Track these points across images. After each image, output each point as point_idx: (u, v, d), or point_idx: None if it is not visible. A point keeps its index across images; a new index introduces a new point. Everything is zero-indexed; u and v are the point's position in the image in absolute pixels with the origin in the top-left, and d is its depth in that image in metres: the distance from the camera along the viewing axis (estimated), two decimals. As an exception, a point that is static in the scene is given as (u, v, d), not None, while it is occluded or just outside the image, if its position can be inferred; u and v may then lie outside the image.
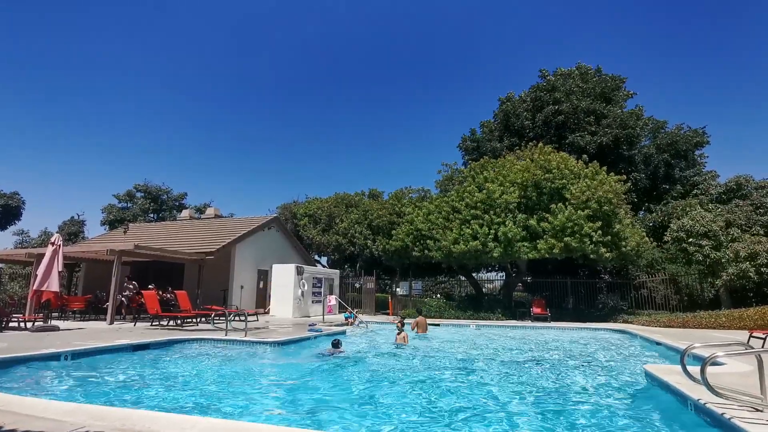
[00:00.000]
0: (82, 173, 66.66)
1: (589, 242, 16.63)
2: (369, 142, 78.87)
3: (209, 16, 65.66)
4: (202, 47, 68.12)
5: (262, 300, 21.64)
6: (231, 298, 19.41)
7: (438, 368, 7.91)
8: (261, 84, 73.91)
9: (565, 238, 16.78)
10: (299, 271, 19.95)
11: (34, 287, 12.27)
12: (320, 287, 21.79)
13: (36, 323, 12.11)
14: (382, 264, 25.99)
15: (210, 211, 28.93)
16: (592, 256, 17.08)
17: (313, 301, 20.83)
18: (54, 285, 12.05)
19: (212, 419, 3.77)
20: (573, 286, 21.28)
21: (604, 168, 19.43)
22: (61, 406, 4.09)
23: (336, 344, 9.28)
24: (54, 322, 13.18)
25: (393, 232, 22.70)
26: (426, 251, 20.25)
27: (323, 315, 18.16)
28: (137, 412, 4.01)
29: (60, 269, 12.21)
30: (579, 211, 16.92)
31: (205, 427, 3.47)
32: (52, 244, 12.34)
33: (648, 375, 6.38)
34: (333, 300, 20.05)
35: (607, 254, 16.80)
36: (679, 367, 4.99)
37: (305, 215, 30.01)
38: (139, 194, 37.68)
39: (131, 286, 16.10)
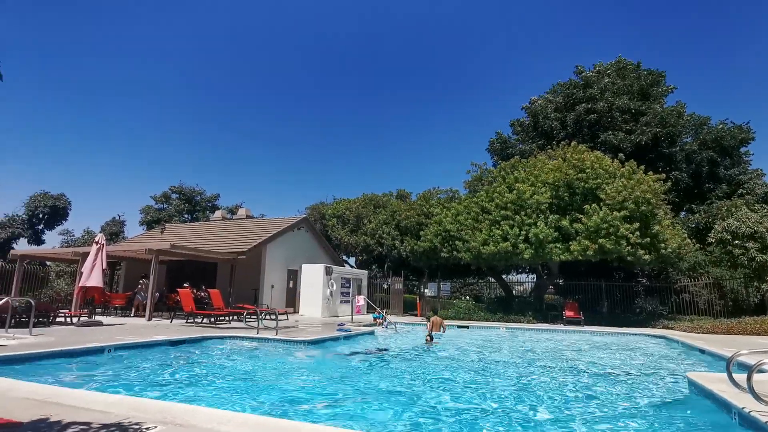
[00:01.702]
0: (122, 175, 69.74)
1: (625, 244, 16.03)
2: (397, 143, 78.95)
3: (240, 16, 67.42)
4: (233, 50, 70.01)
5: (292, 299, 21.97)
6: (262, 297, 19.80)
7: (477, 370, 7.81)
8: (291, 86, 75.27)
9: (600, 240, 16.24)
10: (328, 271, 20.15)
11: (80, 284, 12.88)
12: (348, 287, 21.94)
13: (81, 318, 12.72)
14: (410, 265, 25.91)
15: (241, 212, 29.63)
16: (629, 258, 16.45)
17: (341, 301, 20.99)
18: (98, 282, 12.61)
19: (247, 415, 3.84)
20: (608, 289, 20.56)
21: (642, 167, 18.70)
22: (105, 398, 4.27)
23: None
24: (97, 318, 13.83)
25: (421, 233, 22.59)
26: (455, 252, 20.05)
27: (352, 315, 18.27)
28: (176, 405, 4.13)
29: (103, 267, 12.78)
30: (615, 212, 16.34)
31: (240, 422, 3.54)
32: (96, 243, 12.92)
33: (691, 383, 6.10)
34: (361, 300, 20.14)
35: (646, 256, 16.15)
36: (723, 375, 4.77)
37: (333, 216, 30.30)
38: (174, 195, 39.04)
39: (147, 282, 16.77)
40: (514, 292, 24.94)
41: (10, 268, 19.40)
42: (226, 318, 14.80)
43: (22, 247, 25.53)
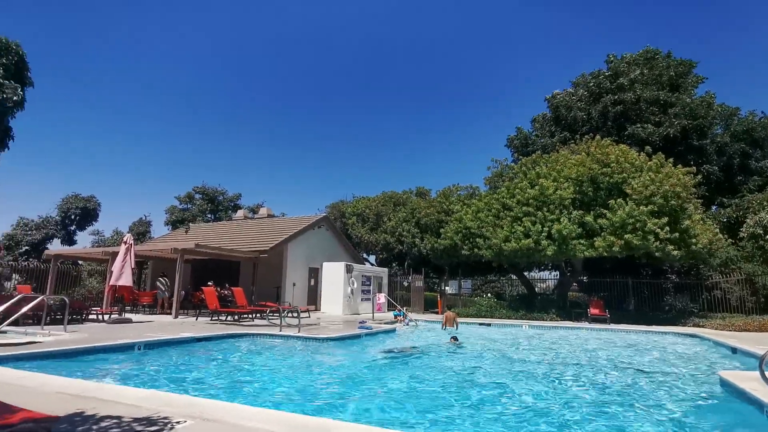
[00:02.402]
0: (148, 176, 71.65)
1: (653, 239, 15.56)
2: (416, 140, 78.67)
3: (261, 16, 68.26)
4: (256, 50, 70.97)
5: (314, 297, 22.18)
6: (284, 295, 20.05)
7: (504, 369, 7.73)
8: (313, 86, 75.84)
9: (626, 236, 15.81)
10: (348, 269, 20.26)
11: (110, 282, 13.31)
12: (369, 285, 22.00)
13: (112, 316, 13.15)
14: (431, 262, 25.80)
15: (263, 211, 30.04)
16: (657, 254, 15.98)
17: (362, 299, 21.08)
18: (128, 280, 13.01)
19: (272, 411, 3.89)
20: (635, 286, 20.01)
21: (671, 160, 18.12)
22: (136, 393, 4.40)
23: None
24: (127, 315, 14.28)
25: (441, 230, 22.46)
26: (475, 249, 19.86)
27: (373, 313, 18.32)
28: (204, 400, 4.22)
29: (132, 266, 13.16)
30: (641, 207, 15.88)
31: (265, 419, 3.59)
32: (125, 243, 13.32)
33: (723, 382, 5.97)
34: (382, 298, 20.17)
35: (675, 252, 15.65)
36: (756, 374, 4.67)
37: (353, 214, 30.42)
38: (197, 196, 39.88)
39: (165, 281, 17.36)
40: (536, 289, 24.55)
41: (45, 268, 20.19)
42: (250, 316, 15.04)
43: (55, 247, 26.54)
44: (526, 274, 24.65)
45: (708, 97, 24.04)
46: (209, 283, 16.01)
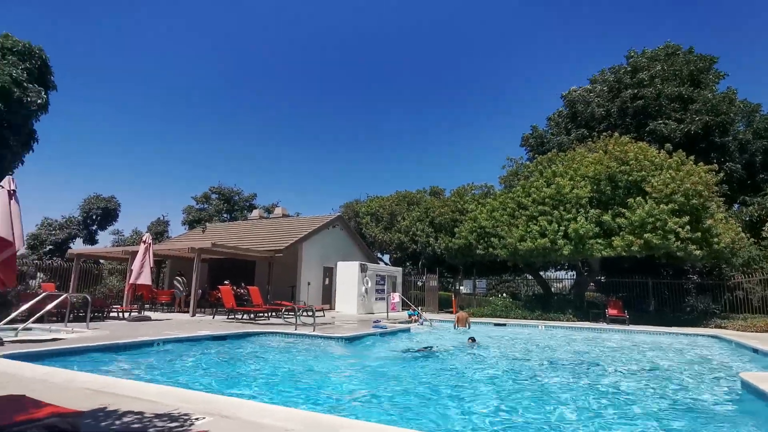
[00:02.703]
0: (165, 177, 72.92)
1: (674, 239, 15.23)
2: (429, 139, 78.38)
3: (276, 15, 68.85)
4: (270, 49, 71.59)
5: (328, 296, 22.32)
6: (299, 294, 20.21)
7: (526, 370, 7.68)
8: (324, 84, 76.19)
9: (645, 235, 15.50)
10: (363, 269, 20.32)
11: (130, 281, 13.59)
12: (383, 285, 22.04)
13: (132, 314, 13.45)
14: (445, 262, 25.71)
15: (278, 211, 30.33)
16: (678, 254, 15.62)
17: (376, 299, 21.12)
18: (147, 279, 13.28)
19: (289, 409, 3.93)
20: (655, 286, 19.61)
21: (692, 157, 17.70)
22: (156, 389, 4.50)
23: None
24: (146, 313, 14.58)
25: (455, 229, 22.36)
26: (490, 249, 19.71)
27: (387, 312, 18.36)
28: (221, 397, 4.30)
29: (151, 265, 13.43)
30: (662, 205, 15.56)
31: (282, 417, 3.63)
32: (144, 242, 13.59)
33: (744, 383, 5.89)
34: (396, 297, 20.20)
35: (697, 252, 15.29)
36: (777, 374, 4.52)
37: (367, 213, 30.49)
38: (214, 196, 40.43)
39: (182, 280, 17.76)
40: (552, 289, 24.26)
41: (68, 266, 20.74)
42: (265, 314, 15.21)
43: (78, 246, 27.21)
44: (541, 273, 24.38)
45: (730, 93, 23.42)
46: (225, 282, 16.25)
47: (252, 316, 14.57)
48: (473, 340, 10.95)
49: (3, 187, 7.60)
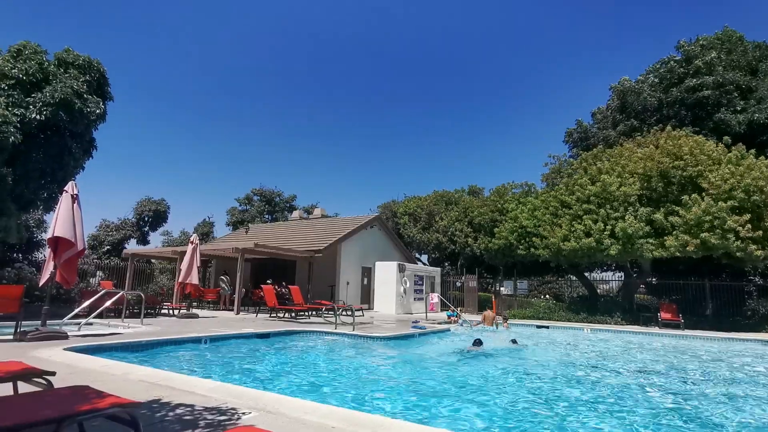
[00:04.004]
0: (210, 179, 76.04)
1: (734, 238, 14.22)
2: (468, 137, 77.35)
3: (315, 16, 70.22)
4: (311, 49, 73.09)
5: (367, 296, 22.47)
6: (338, 294, 20.48)
7: (565, 371, 7.43)
8: (364, 84, 76.88)
9: (702, 234, 14.56)
10: (401, 269, 20.32)
11: (179, 280, 14.26)
12: (421, 285, 21.94)
13: (181, 311, 14.10)
14: (484, 262, 25.24)
15: (317, 212, 30.88)
16: (738, 254, 14.57)
17: (415, 299, 21.05)
18: (195, 278, 13.88)
19: (332, 406, 3.98)
20: (712, 289, 18.37)
21: (752, 151, 16.47)
22: (206, 384, 4.68)
23: (477, 342, 9.93)
24: (194, 311, 15.24)
25: (495, 229, 21.92)
26: (532, 249, 19.18)
27: (426, 312, 18.26)
28: (267, 393, 4.41)
29: (198, 265, 14.03)
30: (720, 203, 14.56)
31: (325, 414, 3.68)
32: (191, 243, 14.22)
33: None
34: (435, 298, 20.04)
35: (758, 252, 14.20)
36: None
37: (405, 214, 30.46)
38: (255, 197, 41.77)
39: (226, 279, 18.47)
40: (598, 291, 23.27)
41: (123, 266, 22.04)
42: (306, 313, 15.52)
43: (132, 246, 28.88)
44: (586, 274, 23.45)
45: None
46: (268, 282, 16.71)
47: (293, 314, 14.90)
48: (515, 342, 10.68)
49: (67, 192, 8.20)
